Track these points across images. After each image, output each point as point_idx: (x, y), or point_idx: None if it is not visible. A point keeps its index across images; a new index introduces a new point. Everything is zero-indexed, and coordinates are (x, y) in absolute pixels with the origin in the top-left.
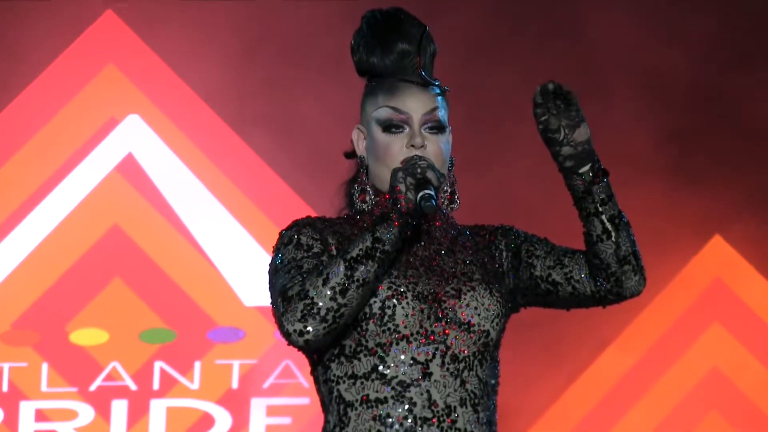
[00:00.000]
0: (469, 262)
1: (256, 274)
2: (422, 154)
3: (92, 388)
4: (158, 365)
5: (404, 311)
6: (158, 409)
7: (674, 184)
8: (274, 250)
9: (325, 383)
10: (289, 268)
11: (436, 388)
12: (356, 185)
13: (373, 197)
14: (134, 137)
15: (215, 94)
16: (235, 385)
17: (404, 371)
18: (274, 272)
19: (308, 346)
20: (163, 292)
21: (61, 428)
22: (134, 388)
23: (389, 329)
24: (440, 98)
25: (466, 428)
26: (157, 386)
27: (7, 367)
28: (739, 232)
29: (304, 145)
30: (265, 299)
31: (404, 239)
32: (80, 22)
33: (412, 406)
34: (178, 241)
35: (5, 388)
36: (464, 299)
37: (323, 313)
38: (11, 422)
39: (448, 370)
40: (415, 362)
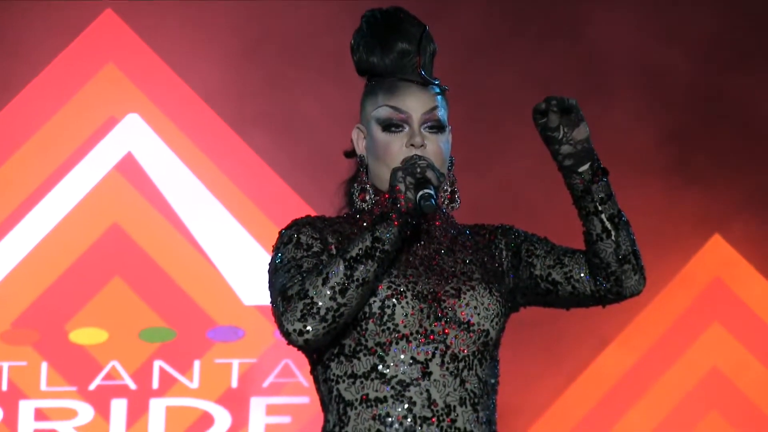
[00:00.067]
0: (468, 261)
1: (255, 273)
2: (422, 153)
3: (92, 387)
4: (158, 364)
5: (404, 311)
6: (158, 408)
7: (674, 183)
8: (273, 249)
9: (324, 382)
10: (288, 267)
11: (435, 387)
12: (356, 184)
13: (372, 196)
14: (134, 136)
15: (215, 93)
16: (234, 384)
17: (404, 370)
18: (273, 271)
19: (308, 345)
20: (162, 291)
21: (60, 427)
22: (134, 387)
23: (389, 329)
24: (440, 98)
25: (465, 427)
26: (156, 385)
27: (6, 366)
28: (738, 231)
29: (303, 144)
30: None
31: (404, 239)
32: (80, 21)
33: (411, 405)
34: (177, 240)
35: (5, 387)
36: (464, 298)
37: (323, 312)
38: (11, 421)
39: (447, 369)
40: (414, 362)
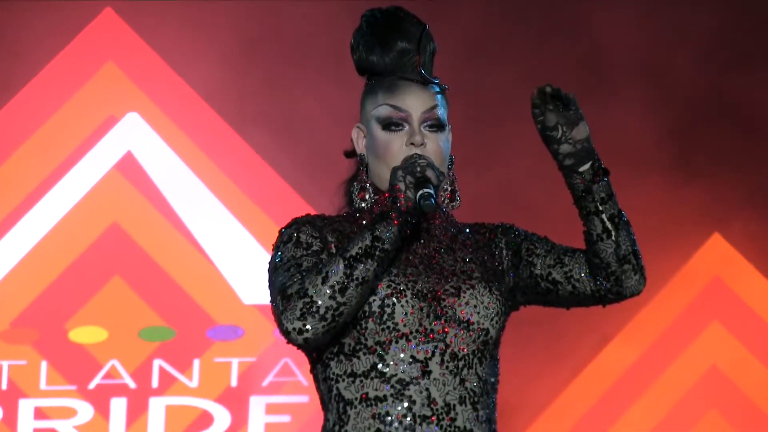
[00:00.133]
0: (468, 260)
1: (255, 272)
2: (422, 152)
3: (91, 386)
4: (157, 363)
5: (403, 309)
6: (157, 407)
7: (674, 182)
8: (273, 248)
9: (324, 381)
10: (288, 266)
11: (435, 386)
12: (356, 183)
13: (372, 195)
14: (133, 135)
15: (215, 92)
16: (234, 383)
17: (404, 369)
18: (273, 270)
19: (307, 344)
20: (162, 290)
21: (60, 426)
22: (133, 386)
23: (388, 327)
24: (440, 96)
25: (465, 426)
26: (156, 384)
27: (6, 365)
28: (738, 230)
29: (303, 143)
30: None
31: (404, 238)
32: (79, 20)
33: (411, 404)
34: (177, 239)
35: (4, 386)
36: (464, 297)
37: (322, 311)
38: (10, 420)
39: (447, 368)
40: (414, 360)
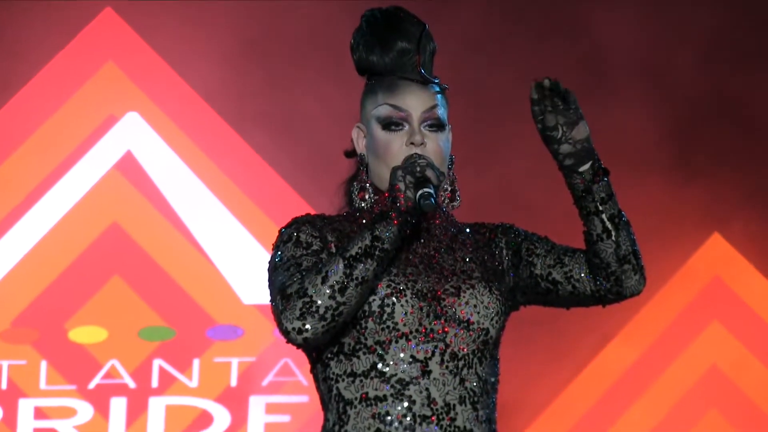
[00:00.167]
0: (468, 259)
1: (254, 272)
2: (422, 151)
3: (91, 385)
4: (157, 363)
5: (403, 309)
6: (157, 406)
7: (674, 182)
8: (273, 247)
9: (324, 381)
10: (288, 265)
11: (435, 386)
12: (356, 183)
13: (372, 195)
14: (133, 135)
15: (215, 92)
16: (233, 382)
17: (403, 369)
18: (273, 270)
19: (307, 344)
20: (162, 290)
21: (59, 426)
22: (133, 385)
23: (388, 327)
24: (440, 96)
25: (465, 426)
26: (155, 384)
27: (6, 364)
28: (738, 230)
29: (303, 143)
30: (263, 297)
31: (403, 238)
32: (79, 19)
33: (411, 404)
34: (177, 239)
35: (4, 385)
36: (463, 297)
37: (322, 311)
38: (10, 420)
39: (447, 368)
40: (414, 360)
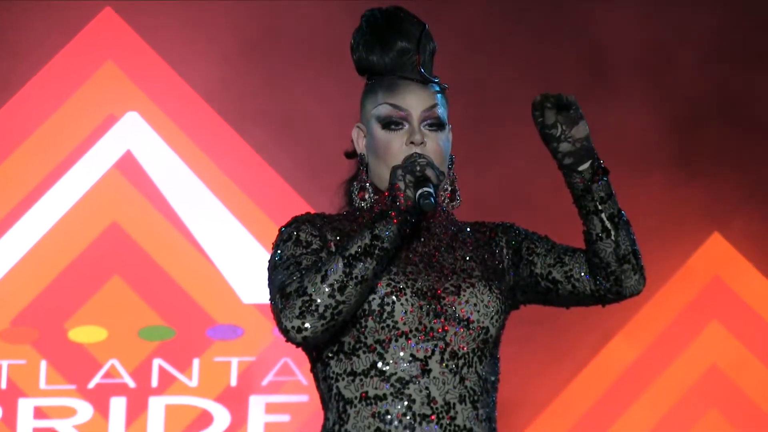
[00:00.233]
0: (468, 258)
1: (254, 271)
2: (422, 151)
3: (91, 385)
4: (157, 363)
5: (403, 308)
6: (157, 406)
7: (674, 181)
8: (273, 246)
9: (324, 380)
10: (287, 264)
11: (435, 385)
12: (356, 183)
13: (372, 195)
14: (133, 134)
15: (214, 91)
16: (233, 382)
17: (403, 368)
18: (272, 269)
19: (306, 342)
20: (161, 289)
21: (59, 425)
22: (133, 385)
23: (388, 326)
24: (440, 96)
25: (465, 425)
26: (155, 384)
27: (5, 364)
28: (738, 229)
29: (303, 142)
30: (263, 297)
31: (403, 237)
32: (79, 19)
33: (411, 403)
34: (176, 238)
35: (4, 385)
36: (463, 296)
37: (321, 310)
38: (10, 419)
39: (447, 366)
40: (414, 359)
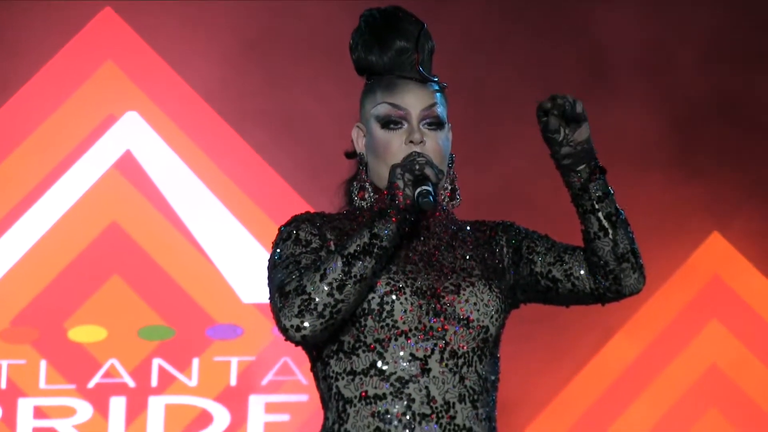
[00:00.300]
0: (468, 257)
1: (254, 271)
2: (421, 150)
3: (90, 385)
4: (156, 362)
5: (402, 307)
6: (156, 406)
7: (674, 181)
8: (273, 245)
9: (324, 380)
10: (287, 263)
11: (434, 384)
12: (355, 183)
13: (372, 194)
14: (133, 134)
15: (214, 91)
16: (233, 382)
17: (403, 367)
18: (272, 268)
19: (305, 341)
20: (161, 289)
21: (59, 425)
22: (132, 385)
23: (387, 325)
24: (439, 95)
25: (465, 424)
26: (155, 383)
27: (5, 364)
28: (737, 229)
29: (303, 142)
30: (263, 296)
31: (402, 235)
32: (78, 19)
33: (410, 402)
34: (176, 238)
35: (3, 385)
36: (463, 295)
37: (320, 308)
38: (9, 419)
39: (447, 366)
40: (413, 358)
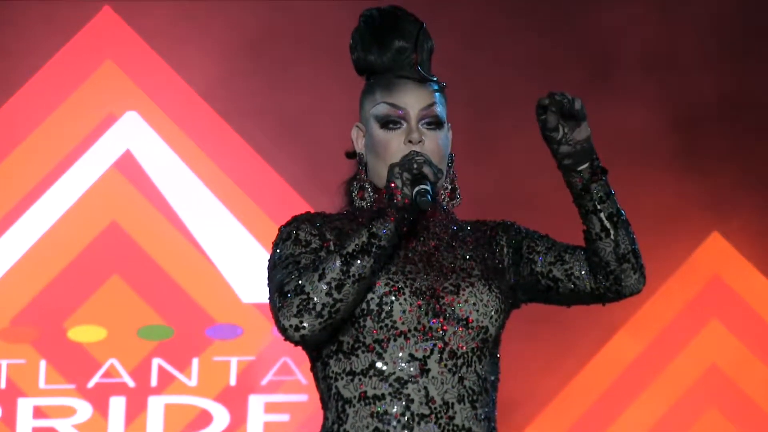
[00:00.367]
0: (468, 257)
1: (253, 270)
2: (420, 149)
3: (90, 384)
4: (156, 362)
5: (402, 307)
6: (156, 406)
7: (674, 180)
8: (273, 245)
9: (323, 380)
10: (286, 263)
11: (434, 384)
12: (355, 182)
13: (371, 194)
14: (132, 134)
15: (214, 91)
16: (233, 382)
17: (402, 368)
18: (272, 267)
19: (304, 341)
20: (161, 289)
21: (59, 425)
22: (132, 384)
23: (387, 325)
24: (438, 94)
25: (464, 425)
26: (155, 383)
27: (5, 363)
28: (737, 228)
29: (302, 142)
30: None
31: (400, 235)
32: (78, 18)
33: (409, 402)
34: (176, 238)
35: (3, 384)
36: (463, 295)
37: (319, 308)
38: (9, 419)
39: (446, 366)
40: (412, 359)
